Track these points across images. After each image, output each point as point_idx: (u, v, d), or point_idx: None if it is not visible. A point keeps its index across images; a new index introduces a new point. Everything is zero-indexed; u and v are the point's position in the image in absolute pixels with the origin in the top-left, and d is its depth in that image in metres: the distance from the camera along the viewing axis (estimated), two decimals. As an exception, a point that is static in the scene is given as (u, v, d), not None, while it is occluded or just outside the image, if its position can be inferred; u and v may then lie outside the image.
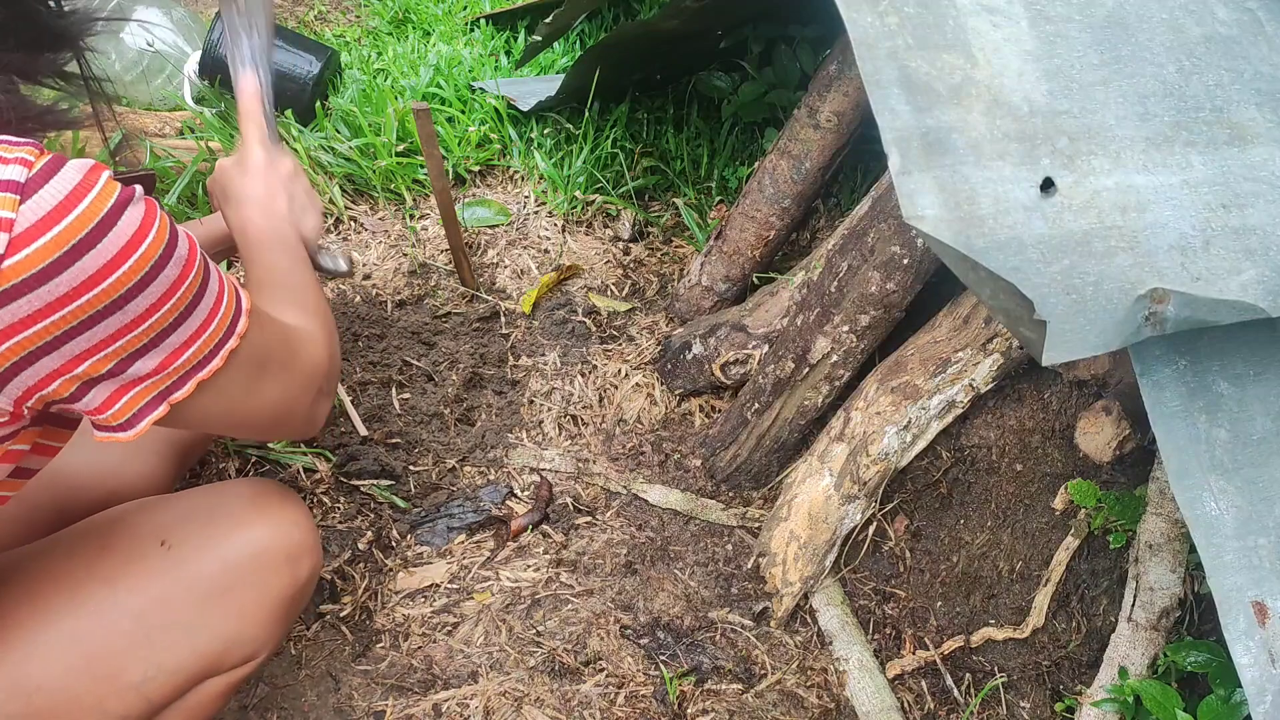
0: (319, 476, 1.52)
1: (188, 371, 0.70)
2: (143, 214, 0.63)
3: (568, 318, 1.91)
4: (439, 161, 1.69)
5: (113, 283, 0.61)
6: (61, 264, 0.58)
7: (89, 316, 0.61)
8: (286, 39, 2.26)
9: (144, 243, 0.62)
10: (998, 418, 1.43)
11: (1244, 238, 0.87)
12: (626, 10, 2.65)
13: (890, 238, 1.39)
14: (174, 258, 0.65)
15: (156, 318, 0.65)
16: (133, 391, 0.68)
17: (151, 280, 0.63)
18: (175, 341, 0.67)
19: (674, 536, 1.55)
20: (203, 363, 0.71)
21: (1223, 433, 0.90)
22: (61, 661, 0.82)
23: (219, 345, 0.71)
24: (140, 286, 0.63)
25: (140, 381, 0.67)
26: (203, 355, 0.70)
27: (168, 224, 0.65)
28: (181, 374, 0.69)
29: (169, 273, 0.64)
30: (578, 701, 1.28)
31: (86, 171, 0.60)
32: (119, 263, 0.61)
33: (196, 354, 0.70)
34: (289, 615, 0.97)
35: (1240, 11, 1.03)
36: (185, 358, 0.69)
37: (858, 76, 1.57)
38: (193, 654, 0.88)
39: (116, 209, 0.61)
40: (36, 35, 0.71)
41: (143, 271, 0.62)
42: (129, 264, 0.61)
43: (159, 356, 0.67)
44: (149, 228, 0.63)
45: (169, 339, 0.67)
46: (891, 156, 0.78)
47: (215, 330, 0.71)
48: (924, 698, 1.36)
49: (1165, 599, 1.22)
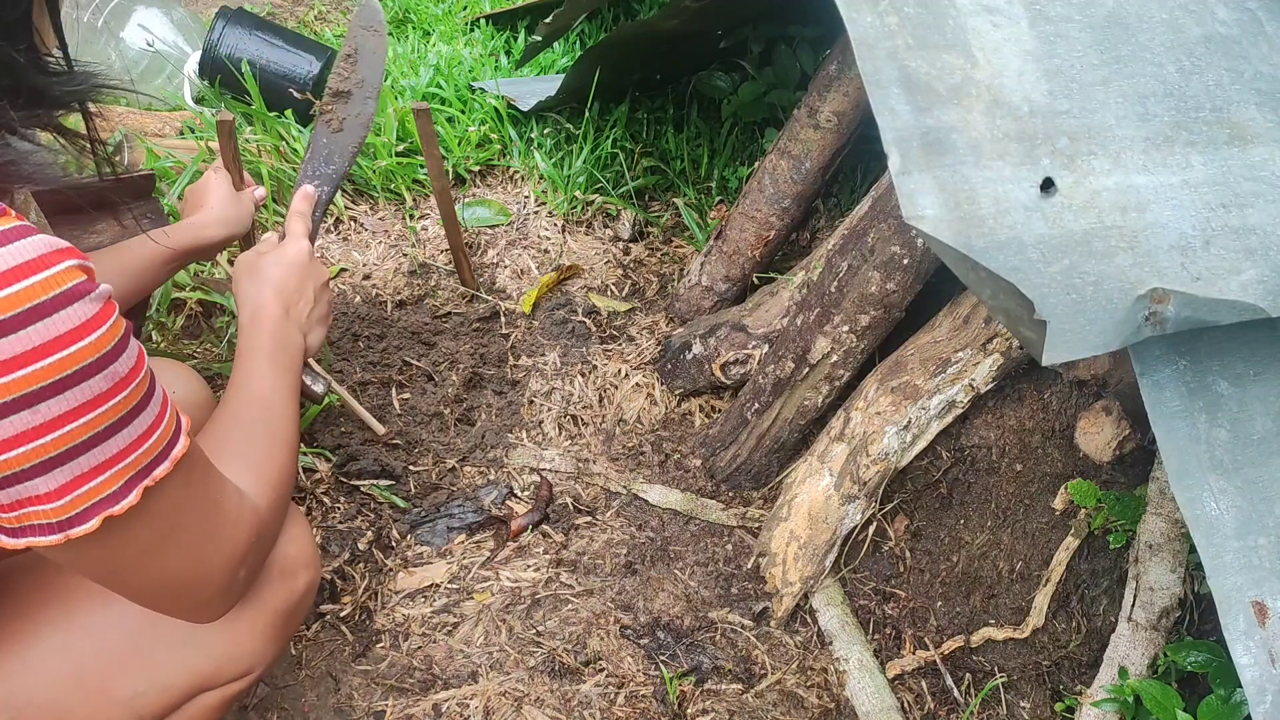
0: (319, 476, 1.52)
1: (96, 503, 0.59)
2: (91, 315, 0.55)
3: (568, 318, 1.91)
4: (439, 161, 1.69)
5: (60, 360, 0.53)
6: (9, 326, 0.51)
7: (31, 392, 0.53)
8: (286, 39, 2.26)
9: (96, 331, 0.55)
10: (998, 418, 1.43)
11: (1244, 238, 0.87)
12: (626, 10, 2.65)
13: (890, 238, 1.39)
14: (104, 372, 0.57)
15: (99, 412, 0.57)
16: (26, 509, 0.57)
17: (100, 370, 0.56)
18: (85, 464, 0.58)
19: (674, 536, 1.55)
20: (114, 496, 0.60)
21: (1223, 433, 0.90)
22: (53, 675, 0.80)
23: (134, 480, 0.61)
24: (86, 373, 0.55)
25: (40, 501, 0.57)
26: (115, 487, 0.60)
27: (122, 325, 0.58)
28: (88, 504, 0.59)
29: (118, 367, 0.57)
30: (578, 701, 1.28)
31: (48, 251, 0.54)
32: (35, 357, 0.53)
33: (108, 483, 0.60)
34: (286, 630, 0.94)
35: (1240, 11, 1.03)
36: (95, 484, 0.59)
37: (858, 76, 1.57)
38: (185, 669, 0.86)
39: (64, 298, 0.54)
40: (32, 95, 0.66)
41: (91, 358, 0.55)
42: (47, 362, 0.53)
43: (66, 475, 0.57)
44: (104, 319, 0.56)
45: (80, 458, 0.57)
46: (891, 156, 0.78)
47: (135, 461, 0.61)
48: (924, 698, 1.36)
49: (1165, 599, 1.22)
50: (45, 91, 0.67)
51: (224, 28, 2.19)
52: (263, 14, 2.84)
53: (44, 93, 0.67)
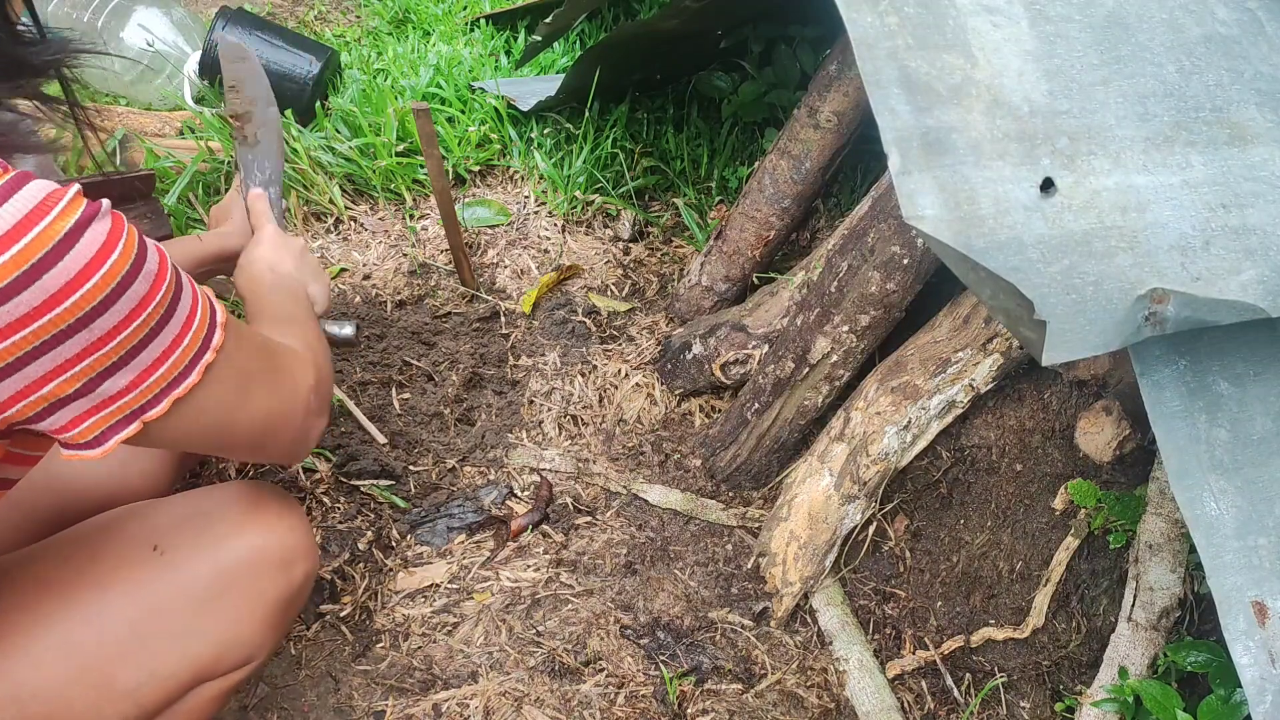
0: (319, 476, 1.52)
1: (162, 390, 0.68)
2: (108, 230, 0.61)
3: (568, 318, 1.91)
4: (439, 161, 1.69)
5: (76, 301, 0.59)
6: (21, 283, 0.56)
7: (52, 336, 0.59)
8: (286, 39, 2.26)
9: (109, 259, 0.60)
10: (998, 418, 1.43)
11: (1244, 238, 0.86)
12: (626, 10, 2.65)
13: (890, 238, 1.38)
14: (142, 273, 0.63)
15: (124, 335, 0.63)
16: (102, 412, 0.65)
17: (118, 297, 0.61)
18: (146, 359, 0.65)
19: (674, 536, 1.55)
20: (178, 379, 0.68)
21: (1223, 433, 0.90)
22: (55, 667, 0.81)
23: (194, 360, 0.69)
24: (106, 304, 0.61)
25: (111, 401, 0.65)
26: (177, 372, 0.68)
27: (135, 238, 0.64)
28: (156, 392, 0.67)
29: (136, 289, 0.63)
30: (578, 701, 1.28)
31: (50, 190, 0.59)
32: (82, 280, 0.59)
33: (170, 371, 0.67)
34: (284, 620, 0.96)
35: (1240, 11, 1.03)
36: (158, 375, 0.67)
37: (858, 76, 1.57)
38: (186, 659, 0.88)
39: (79, 226, 0.59)
40: (11, 65, 0.69)
41: (108, 289, 0.60)
42: (93, 281, 0.59)
43: (129, 375, 0.65)
44: (114, 244, 0.61)
45: (139, 357, 0.65)
46: (891, 156, 0.78)
47: (189, 345, 0.68)
48: (924, 698, 1.36)
49: (1165, 599, 1.22)
50: (23, 61, 0.70)
51: (224, 28, 2.20)
52: (263, 14, 2.84)
53: (22, 62, 0.70)
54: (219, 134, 2.05)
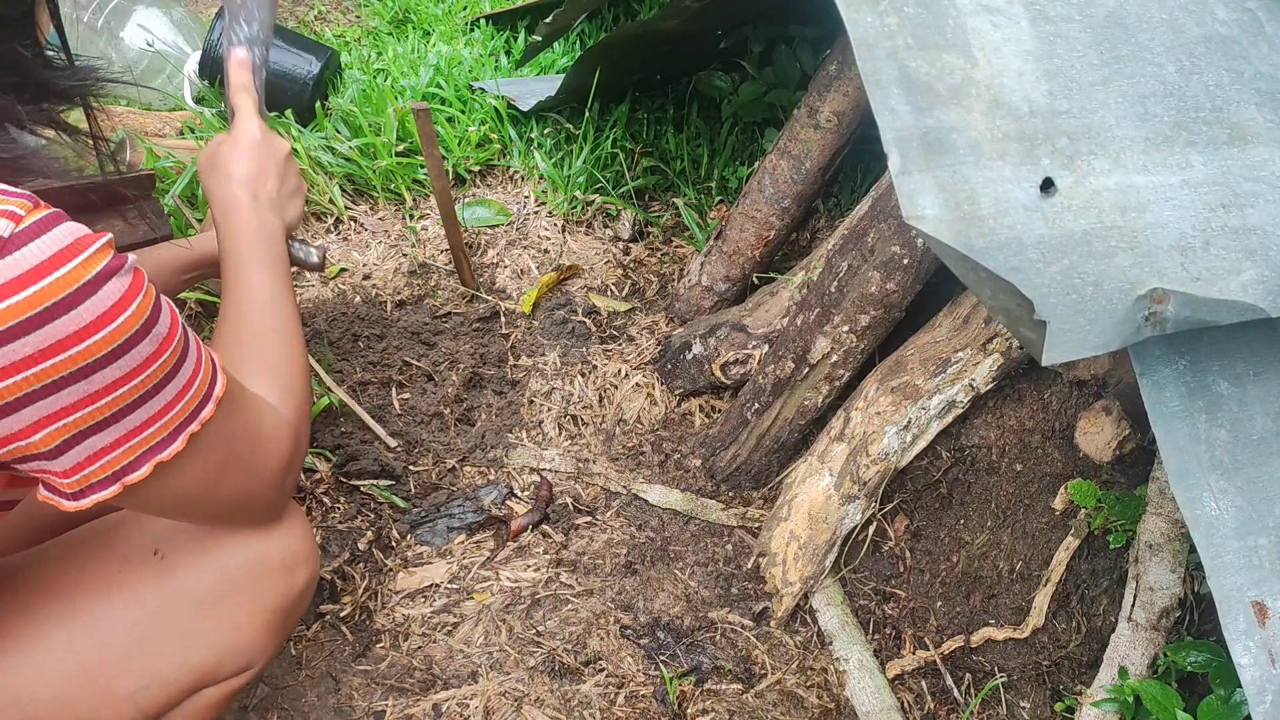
0: (319, 476, 1.52)
1: (146, 450, 0.67)
2: (127, 287, 0.61)
3: (568, 318, 1.91)
4: (439, 161, 1.69)
5: (81, 350, 0.59)
6: (29, 325, 0.56)
7: (52, 381, 0.58)
8: (286, 39, 2.26)
9: (122, 315, 0.60)
10: (998, 418, 1.43)
11: (1244, 238, 0.86)
12: (626, 10, 2.65)
13: (890, 238, 1.38)
14: (150, 334, 0.63)
15: (119, 393, 0.63)
16: (90, 467, 0.65)
17: (122, 354, 0.61)
18: (138, 419, 0.65)
19: (674, 536, 1.55)
20: (163, 443, 0.68)
21: (1223, 433, 0.90)
22: (55, 671, 0.81)
23: (180, 428, 0.69)
24: (109, 359, 0.60)
25: (98, 456, 0.65)
26: (163, 435, 0.68)
27: (152, 299, 0.64)
28: (140, 452, 0.67)
29: (142, 349, 0.63)
30: (578, 701, 1.28)
31: (80, 235, 0.59)
32: (91, 332, 0.59)
33: (157, 433, 0.67)
34: (285, 625, 0.95)
35: (1240, 11, 1.03)
36: (145, 435, 0.66)
37: (858, 76, 1.57)
38: (186, 664, 0.87)
39: (100, 278, 0.59)
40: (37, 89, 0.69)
41: (114, 344, 0.60)
42: (101, 335, 0.59)
43: (118, 431, 0.64)
44: (130, 301, 0.61)
45: (131, 415, 0.64)
46: (891, 156, 0.78)
47: (179, 413, 0.68)
48: (924, 698, 1.36)
49: (1165, 599, 1.22)
50: (50, 86, 0.70)
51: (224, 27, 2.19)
52: (263, 14, 2.84)
53: (49, 87, 0.70)
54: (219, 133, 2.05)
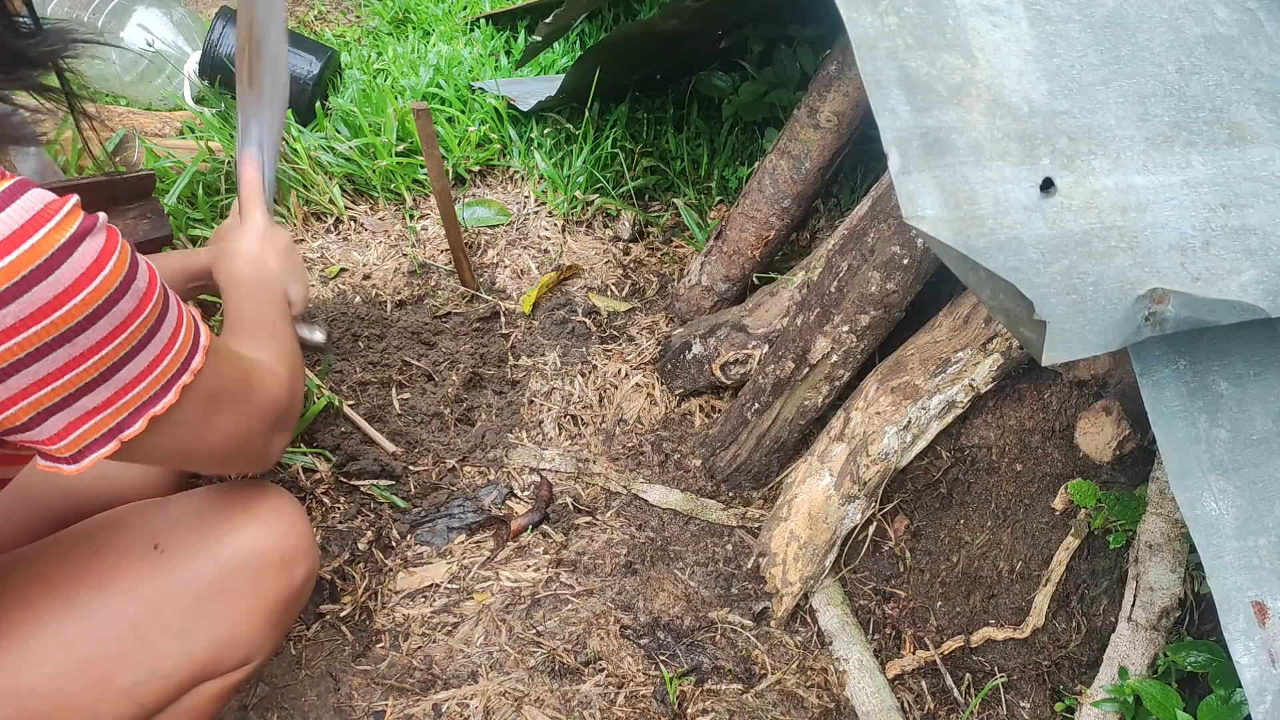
0: (319, 476, 1.52)
1: (139, 407, 0.68)
2: (101, 245, 0.61)
3: (568, 318, 1.91)
4: (439, 161, 1.69)
5: (63, 315, 0.59)
6: (9, 295, 0.56)
7: (36, 349, 0.59)
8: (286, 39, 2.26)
9: (99, 275, 0.60)
10: (998, 418, 1.43)
11: (1244, 238, 0.87)
12: (626, 10, 2.65)
13: (890, 238, 1.38)
14: (130, 290, 0.63)
15: (106, 351, 0.63)
16: (82, 428, 0.66)
17: (104, 313, 0.61)
18: (126, 376, 0.66)
19: (674, 536, 1.55)
20: (155, 398, 0.69)
21: (1223, 433, 0.90)
22: (54, 665, 0.81)
23: (172, 380, 0.70)
24: (91, 319, 0.61)
25: (89, 416, 0.65)
26: (155, 390, 0.68)
27: (128, 254, 0.64)
28: (132, 409, 0.68)
29: (123, 306, 0.63)
30: (578, 701, 1.28)
31: (48, 201, 0.59)
32: (70, 295, 0.59)
33: (148, 389, 0.68)
34: (284, 619, 0.96)
35: (1240, 11, 1.03)
36: (135, 392, 0.67)
37: (858, 76, 1.57)
38: (185, 658, 0.88)
39: (74, 240, 0.59)
40: (8, 57, 0.69)
41: (95, 304, 0.61)
42: (81, 296, 0.59)
43: (108, 391, 0.65)
44: (107, 259, 0.61)
45: (119, 373, 0.65)
46: (891, 156, 0.78)
47: (169, 366, 0.69)
48: (924, 698, 1.36)
49: (1165, 599, 1.22)
50: (22, 53, 0.70)
51: (224, 28, 2.19)
52: (263, 14, 2.84)
53: (21, 54, 0.70)
54: (219, 134, 2.05)
